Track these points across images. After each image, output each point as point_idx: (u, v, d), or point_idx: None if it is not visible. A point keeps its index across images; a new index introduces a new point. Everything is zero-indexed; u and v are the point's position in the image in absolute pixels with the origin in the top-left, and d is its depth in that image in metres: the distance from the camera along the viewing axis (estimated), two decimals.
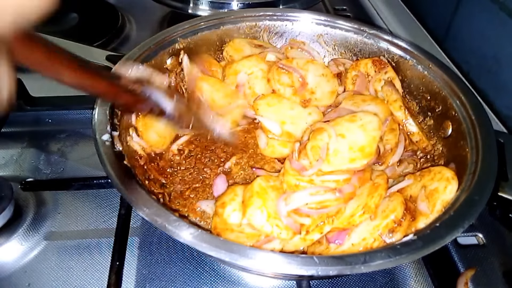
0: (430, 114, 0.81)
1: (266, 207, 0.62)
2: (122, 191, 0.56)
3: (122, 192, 0.56)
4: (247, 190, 0.65)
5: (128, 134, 0.73)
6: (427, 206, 0.62)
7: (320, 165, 0.66)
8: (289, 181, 0.67)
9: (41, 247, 0.73)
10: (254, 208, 0.62)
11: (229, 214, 0.65)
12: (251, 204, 0.62)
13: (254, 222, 0.61)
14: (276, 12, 0.94)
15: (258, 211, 0.61)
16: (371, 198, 0.62)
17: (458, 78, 0.77)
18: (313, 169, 0.66)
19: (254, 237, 0.62)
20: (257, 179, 0.66)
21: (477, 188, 0.59)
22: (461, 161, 0.67)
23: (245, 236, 0.62)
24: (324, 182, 0.66)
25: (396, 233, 0.60)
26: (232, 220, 0.64)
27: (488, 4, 1.11)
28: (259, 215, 0.61)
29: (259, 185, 0.65)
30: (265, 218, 0.61)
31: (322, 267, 0.48)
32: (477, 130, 0.67)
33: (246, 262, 0.49)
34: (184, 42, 0.85)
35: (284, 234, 0.61)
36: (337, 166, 0.66)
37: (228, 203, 0.66)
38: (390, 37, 0.88)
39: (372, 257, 0.49)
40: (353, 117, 0.71)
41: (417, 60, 0.83)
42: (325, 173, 0.66)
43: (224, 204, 0.66)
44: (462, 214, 0.55)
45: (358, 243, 0.60)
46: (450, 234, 0.52)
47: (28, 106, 0.95)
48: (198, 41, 0.88)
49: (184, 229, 0.51)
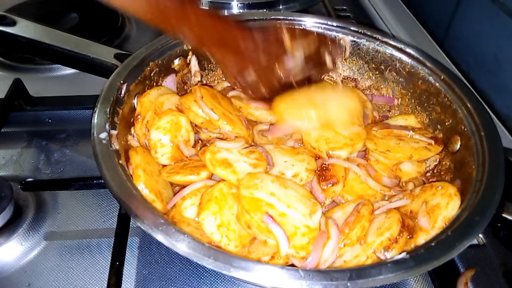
0: (440, 127, 0.80)
1: (221, 215, 0.60)
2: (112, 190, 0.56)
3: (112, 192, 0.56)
4: (206, 193, 0.64)
5: (129, 133, 0.73)
6: (428, 222, 0.61)
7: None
8: None
9: (41, 247, 0.73)
10: (209, 213, 0.60)
11: (186, 207, 0.64)
12: (207, 208, 0.61)
13: (205, 227, 0.59)
14: (287, 16, 0.93)
15: (212, 217, 0.60)
16: (352, 230, 0.60)
17: (469, 91, 0.76)
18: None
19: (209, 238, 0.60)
20: (219, 184, 0.64)
21: (479, 208, 0.57)
22: (466, 179, 0.65)
23: (199, 232, 0.60)
24: None
25: (391, 250, 0.59)
26: (186, 214, 0.64)
27: (488, 4, 1.11)
28: (212, 222, 0.60)
29: (220, 190, 0.63)
30: (216, 225, 0.60)
31: (308, 281, 0.47)
32: (485, 147, 0.66)
33: (230, 271, 0.48)
34: None
35: (232, 246, 0.59)
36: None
37: (188, 197, 0.65)
38: (403, 46, 0.86)
39: (359, 274, 0.48)
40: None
41: (429, 71, 0.82)
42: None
43: (184, 197, 0.65)
44: (460, 235, 0.54)
45: (350, 260, 0.59)
46: (445, 256, 0.51)
47: (28, 106, 0.95)
48: None
49: (171, 233, 0.51)
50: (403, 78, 0.88)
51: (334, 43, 0.79)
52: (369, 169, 0.75)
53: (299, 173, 0.70)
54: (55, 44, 0.92)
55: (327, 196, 0.70)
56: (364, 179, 0.74)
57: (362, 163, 0.76)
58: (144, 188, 0.62)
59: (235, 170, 0.67)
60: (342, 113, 0.75)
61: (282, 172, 0.70)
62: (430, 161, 0.78)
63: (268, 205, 0.60)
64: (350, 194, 0.73)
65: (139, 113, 0.74)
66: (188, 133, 0.75)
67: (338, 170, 0.73)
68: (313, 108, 0.73)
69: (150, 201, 0.61)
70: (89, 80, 1.00)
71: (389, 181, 0.74)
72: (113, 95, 0.69)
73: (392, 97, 0.91)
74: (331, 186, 0.70)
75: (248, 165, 0.68)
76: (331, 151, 0.73)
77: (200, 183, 0.67)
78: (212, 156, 0.68)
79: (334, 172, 0.72)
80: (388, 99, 0.91)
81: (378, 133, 0.79)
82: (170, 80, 0.84)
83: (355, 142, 0.75)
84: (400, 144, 0.76)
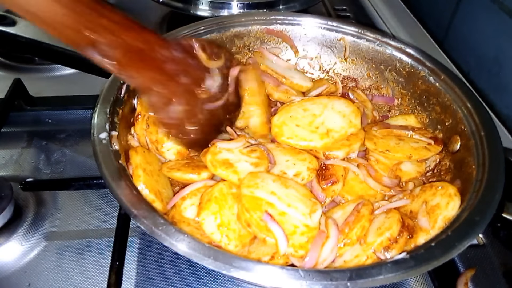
0: (440, 127, 0.80)
1: (221, 214, 0.61)
2: (112, 189, 0.56)
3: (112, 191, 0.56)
4: (206, 193, 0.64)
5: (130, 133, 0.73)
6: (428, 221, 0.61)
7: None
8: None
9: (41, 247, 0.73)
10: (209, 213, 0.61)
11: (185, 207, 0.64)
12: (207, 208, 0.61)
13: (205, 227, 0.60)
14: (287, 16, 0.93)
15: (212, 217, 0.60)
16: (352, 230, 0.60)
17: (469, 91, 0.75)
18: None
19: (209, 237, 0.61)
20: (219, 184, 0.64)
21: (479, 208, 0.57)
22: (466, 179, 0.65)
23: (199, 232, 0.61)
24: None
25: (391, 250, 0.59)
26: (186, 214, 0.64)
27: (488, 4, 1.11)
28: (212, 221, 0.60)
29: (220, 190, 0.63)
30: (216, 225, 0.60)
31: (307, 281, 0.47)
32: (485, 147, 0.65)
33: (229, 271, 0.48)
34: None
35: (232, 246, 0.59)
36: None
37: (188, 197, 0.66)
38: (403, 45, 0.86)
39: (359, 274, 0.48)
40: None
41: (429, 71, 0.82)
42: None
43: (184, 197, 0.66)
44: (460, 235, 0.53)
45: (350, 260, 0.59)
46: (445, 256, 0.51)
47: (28, 106, 0.95)
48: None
49: (171, 233, 0.51)
50: (403, 78, 0.88)
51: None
52: (369, 169, 0.75)
53: (301, 172, 0.70)
54: (55, 44, 0.92)
55: (327, 195, 0.70)
56: (364, 179, 0.74)
57: (363, 163, 0.76)
58: (144, 188, 0.62)
59: (236, 170, 0.67)
60: (339, 122, 0.76)
61: (283, 171, 0.70)
62: (430, 161, 0.78)
63: (268, 204, 0.61)
64: (350, 194, 0.73)
65: (139, 113, 0.74)
66: None
67: (337, 169, 0.73)
68: (311, 125, 0.75)
69: (150, 201, 0.61)
70: (89, 80, 1.00)
71: (389, 181, 0.74)
72: (113, 95, 0.69)
73: (392, 97, 0.91)
74: (331, 185, 0.70)
75: (249, 165, 0.68)
76: (328, 151, 0.73)
77: (199, 183, 0.67)
78: (213, 157, 0.68)
79: (333, 171, 0.72)
80: (388, 99, 0.91)
81: (378, 133, 0.79)
82: None
83: (352, 142, 0.75)
84: (399, 144, 0.76)
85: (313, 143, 0.72)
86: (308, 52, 0.96)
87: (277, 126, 0.75)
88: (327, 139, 0.73)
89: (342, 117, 0.76)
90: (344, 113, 0.77)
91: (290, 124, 0.75)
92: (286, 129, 0.74)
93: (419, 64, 0.84)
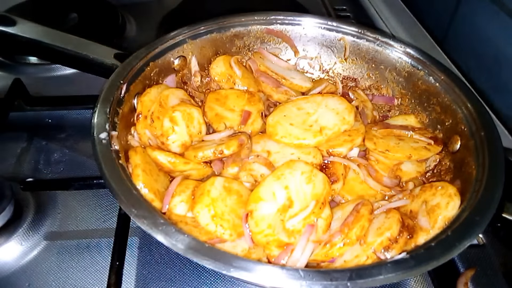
0: (440, 127, 0.79)
1: (214, 206, 0.61)
2: (112, 189, 0.56)
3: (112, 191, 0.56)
4: (200, 187, 0.65)
5: (130, 133, 0.73)
6: (428, 221, 0.61)
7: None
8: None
9: (41, 247, 0.73)
10: (202, 206, 0.61)
11: (175, 204, 0.65)
12: (200, 202, 0.62)
13: (200, 219, 0.61)
14: (287, 16, 0.93)
15: (206, 209, 0.61)
16: (352, 230, 0.60)
17: (469, 91, 0.75)
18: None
19: (207, 233, 0.61)
20: (211, 178, 0.66)
21: (479, 208, 0.57)
22: (466, 179, 0.65)
23: (197, 230, 0.61)
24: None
25: (391, 250, 0.59)
26: (177, 211, 0.64)
27: (488, 4, 1.11)
28: (206, 213, 0.61)
29: (212, 183, 0.65)
30: (211, 216, 0.61)
31: (307, 281, 0.47)
32: (485, 147, 0.65)
33: (229, 271, 0.48)
34: (193, 43, 0.85)
35: (227, 235, 0.60)
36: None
37: (177, 194, 0.66)
38: (403, 45, 0.86)
39: (359, 274, 0.48)
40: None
41: (429, 71, 0.82)
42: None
43: (173, 195, 0.66)
44: (460, 235, 0.53)
45: (350, 260, 0.59)
46: (445, 256, 0.51)
47: (28, 106, 0.95)
48: (207, 42, 0.88)
49: (171, 233, 0.51)
50: (403, 78, 0.88)
51: None
52: (369, 169, 0.75)
53: None
54: (55, 44, 0.91)
55: None
56: (364, 179, 0.74)
57: (363, 163, 0.76)
58: (143, 187, 0.62)
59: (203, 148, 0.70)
60: (332, 120, 0.76)
61: None
62: (430, 161, 0.78)
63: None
64: (350, 194, 0.73)
65: (140, 113, 0.74)
66: (200, 125, 0.76)
67: (337, 168, 0.73)
68: (306, 123, 0.75)
69: (149, 200, 0.61)
70: (89, 80, 0.99)
71: (389, 181, 0.74)
72: (113, 95, 0.69)
73: (392, 97, 0.91)
74: (331, 184, 0.71)
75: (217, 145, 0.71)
76: (331, 148, 0.74)
77: (179, 178, 0.69)
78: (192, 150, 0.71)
79: (334, 170, 0.73)
80: (388, 99, 0.91)
81: (378, 133, 0.79)
82: (170, 80, 0.84)
83: (354, 137, 0.75)
84: (399, 144, 0.76)
85: (307, 141, 0.73)
86: (308, 52, 0.96)
87: (271, 126, 0.76)
88: (320, 137, 0.73)
89: (335, 115, 0.76)
90: (337, 110, 0.77)
91: (284, 123, 0.76)
92: (280, 128, 0.75)
93: (419, 64, 0.84)
